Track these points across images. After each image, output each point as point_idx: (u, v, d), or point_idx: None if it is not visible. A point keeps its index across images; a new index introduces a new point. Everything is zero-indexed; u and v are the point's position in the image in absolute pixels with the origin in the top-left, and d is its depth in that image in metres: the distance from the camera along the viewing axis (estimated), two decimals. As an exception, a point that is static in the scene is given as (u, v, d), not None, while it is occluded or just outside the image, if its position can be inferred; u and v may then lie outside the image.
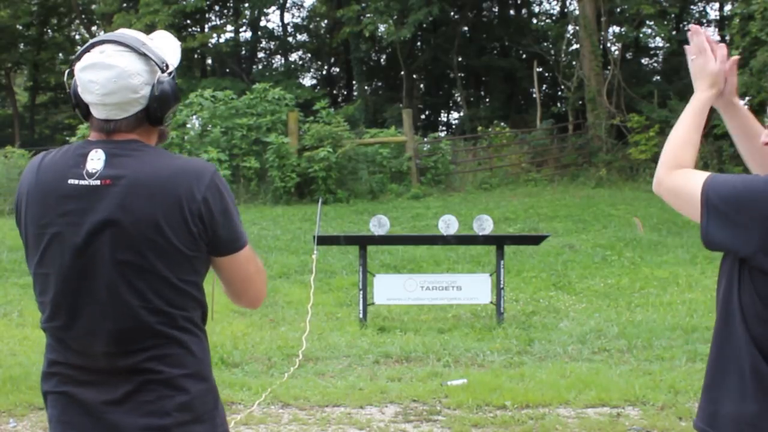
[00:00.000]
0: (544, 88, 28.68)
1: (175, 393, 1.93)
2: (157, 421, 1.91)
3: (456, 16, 28.29)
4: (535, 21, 30.99)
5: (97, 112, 1.97)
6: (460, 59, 27.79)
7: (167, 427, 1.91)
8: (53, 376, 1.99)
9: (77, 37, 33.88)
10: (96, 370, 1.93)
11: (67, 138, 20.56)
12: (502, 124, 24.14)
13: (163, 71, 1.96)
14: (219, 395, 2.08)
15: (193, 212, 1.91)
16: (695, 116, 2.09)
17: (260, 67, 32.72)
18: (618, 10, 23.06)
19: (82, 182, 1.91)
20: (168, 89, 1.97)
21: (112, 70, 1.91)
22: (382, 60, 32.10)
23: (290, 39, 33.44)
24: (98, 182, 1.90)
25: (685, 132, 2.07)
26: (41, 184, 1.96)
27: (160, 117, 2.00)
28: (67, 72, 2.05)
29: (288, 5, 32.57)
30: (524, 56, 28.72)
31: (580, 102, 21.87)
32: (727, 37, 20.33)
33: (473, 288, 8.15)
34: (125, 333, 1.91)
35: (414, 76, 29.74)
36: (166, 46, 2.06)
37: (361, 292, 8.12)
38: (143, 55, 1.94)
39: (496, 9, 31.19)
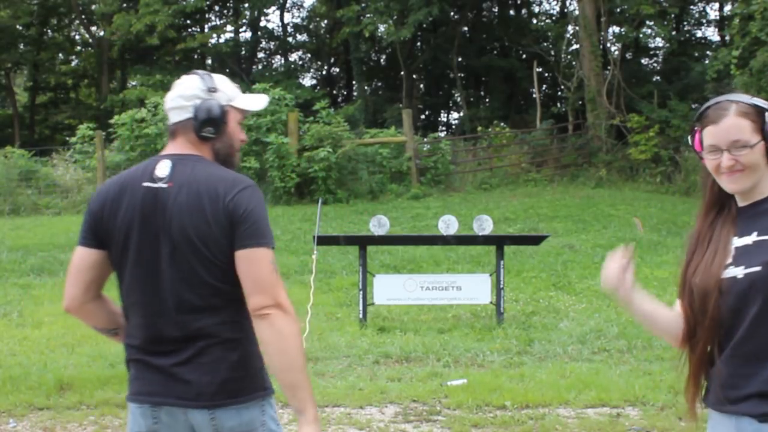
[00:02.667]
0: (544, 88, 28.68)
1: (228, 353, 2.35)
2: (216, 377, 2.34)
3: (456, 16, 28.29)
4: (535, 21, 30.99)
5: (169, 120, 2.52)
6: (460, 59, 27.78)
7: (225, 380, 2.34)
8: (130, 347, 2.47)
9: (77, 37, 33.88)
10: (168, 339, 2.39)
11: (67, 138, 20.54)
12: (502, 124, 24.12)
13: (210, 91, 2.45)
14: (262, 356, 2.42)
15: (225, 209, 2.33)
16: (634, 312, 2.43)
17: (260, 67, 32.71)
18: (618, 10, 23.06)
19: (153, 185, 2.38)
20: (205, 106, 2.42)
21: (179, 85, 2.49)
22: (382, 60, 32.10)
23: (290, 39, 33.43)
24: (165, 185, 2.38)
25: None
26: (123, 189, 2.42)
27: (198, 127, 2.43)
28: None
29: (288, 5, 32.58)
30: (524, 56, 28.72)
31: (580, 102, 21.87)
32: (727, 37, 20.35)
33: (473, 288, 8.15)
34: (191, 306, 2.36)
35: (414, 76, 29.73)
36: (234, 90, 2.54)
37: (361, 292, 8.12)
38: (202, 78, 2.47)
39: (496, 9, 31.18)
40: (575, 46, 23.92)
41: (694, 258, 2.28)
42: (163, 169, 2.40)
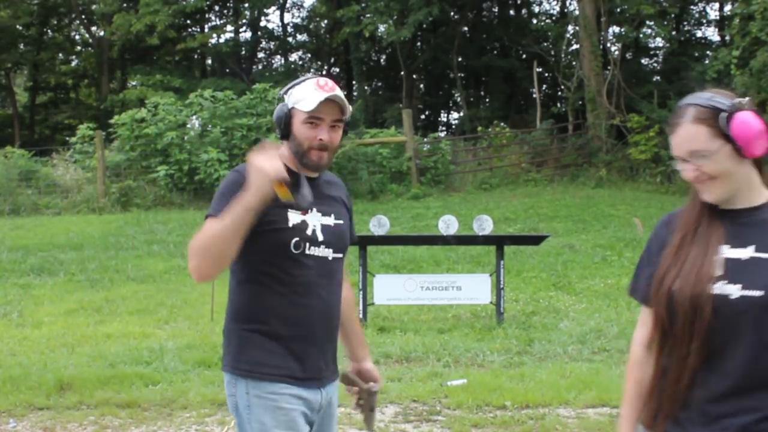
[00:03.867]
0: (544, 88, 28.67)
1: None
2: None
3: (456, 16, 28.28)
4: (535, 21, 30.98)
5: None
6: (460, 59, 27.78)
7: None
8: None
9: (77, 37, 33.88)
10: None
11: (67, 138, 20.53)
12: (502, 124, 24.13)
13: (279, 99, 2.78)
14: (256, 344, 2.57)
15: None
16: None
17: (260, 67, 32.73)
18: (618, 10, 23.04)
19: None
20: (274, 113, 2.68)
21: None
22: (382, 60, 32.11)
23: (290, 39, 33.44)
24: None
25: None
26: None
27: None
28: None
29: (288, 5, 32.59)
30: (524, 56, 28.72)
31: (580, 102, 21.86)
32: (727, 37, 20.35)
33: (473, 288, 8.15)
34: None
35: (414, 76, 29.73)
36: (305, 92, 2.59)
37: (361, 292, 8.12)
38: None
39: (496, 9, 31.19)
40: (575, 46, 23.91)
41: (674, 262, 2.04)
42: None
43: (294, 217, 2.59)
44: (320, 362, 2.65)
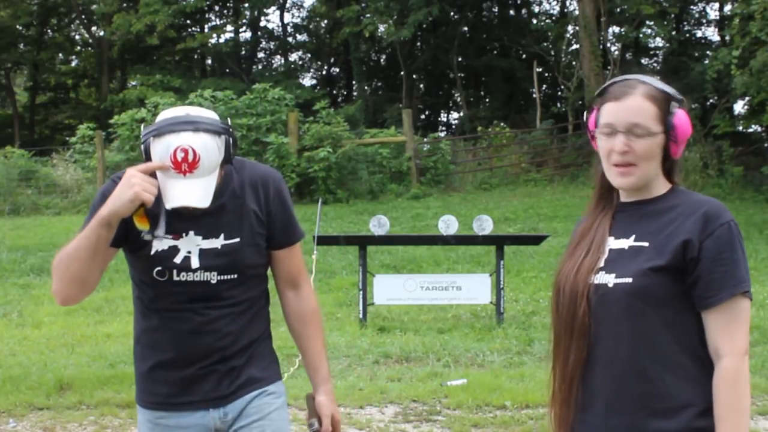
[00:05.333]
0: (544, 88, 28.67)
1: None
2: None
3: (456, 16, 28.29)
4: (535, 21, 30.96)
5: None
6: (460, 59, 27.78)
7: None
8: None
9: (77, 37, 33.88)
10: None
11: (67, 138, 20.53)
12: (502, 124, 24.12)
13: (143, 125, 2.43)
14: (138, 369, 2.47)
15: None
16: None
17: (260, 67, 32.72)
18: (618, 10, 23.04)
19: None
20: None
21: None
22: (382, 60, 32.10)
23: (290, 39, 33.43)
24: None
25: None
26: None
27: None
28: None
29: (288, 5, 32.58)
30: (524, 56, 28.72)
31: (580, 102, 21.86)
32: (727, 37, 20.34)
33: (473, 288, 8.15)
34: None
35: (414, 76, 29.73)
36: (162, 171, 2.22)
37: (361, 292, 8.12)
38: None
39: (496, 9, 31.19)
40: (575, 46, 23.92)
41: (570, 259, 2.04)
42: None
43: (159, 244, 2.29)
44: (206, 385, 2.40)
